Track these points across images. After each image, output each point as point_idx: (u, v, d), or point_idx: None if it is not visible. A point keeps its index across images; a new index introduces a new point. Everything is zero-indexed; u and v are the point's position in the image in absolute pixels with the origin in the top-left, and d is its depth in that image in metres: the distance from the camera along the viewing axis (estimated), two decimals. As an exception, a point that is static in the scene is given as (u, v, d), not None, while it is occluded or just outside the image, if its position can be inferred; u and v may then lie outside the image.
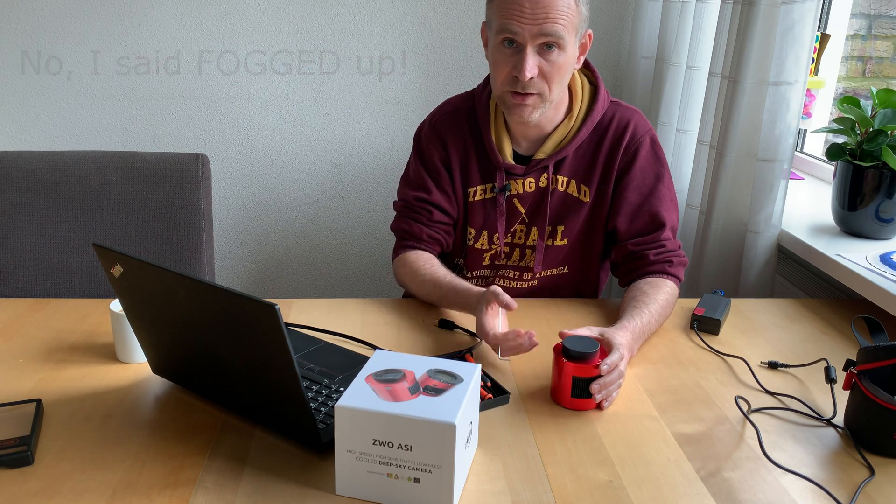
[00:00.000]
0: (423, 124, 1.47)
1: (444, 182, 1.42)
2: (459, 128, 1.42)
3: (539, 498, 0.85)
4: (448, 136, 1.42)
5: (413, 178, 1.45)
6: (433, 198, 1.41)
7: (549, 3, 1.22)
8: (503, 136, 1.38)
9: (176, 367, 1.04)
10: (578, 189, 1.39)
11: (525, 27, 1.23)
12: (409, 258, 1.39)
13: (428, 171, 1.42)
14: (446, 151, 1.42)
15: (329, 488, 0.86)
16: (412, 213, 1.42)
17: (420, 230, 1.41)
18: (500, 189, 1.39)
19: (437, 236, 1.42)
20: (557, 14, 1.22)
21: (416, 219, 1.42)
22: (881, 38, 2.12)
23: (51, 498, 0.83)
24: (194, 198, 1.61)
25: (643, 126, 1.39)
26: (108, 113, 2.27)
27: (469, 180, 1.41)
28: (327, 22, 2.23)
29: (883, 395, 0.94)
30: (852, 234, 1.55)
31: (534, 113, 1.30)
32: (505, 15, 1.24)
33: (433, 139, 1.43)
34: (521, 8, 1.22)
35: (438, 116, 1.45)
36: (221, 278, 2.43)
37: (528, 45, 1.24)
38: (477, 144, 1.41)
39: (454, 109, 1.44)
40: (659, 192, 1.37)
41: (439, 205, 1.41)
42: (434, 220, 1.41)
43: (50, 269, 1.59)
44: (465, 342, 1.22)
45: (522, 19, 1.23)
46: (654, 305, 1.22)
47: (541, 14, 1.22)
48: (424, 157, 1.44)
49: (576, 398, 1.02)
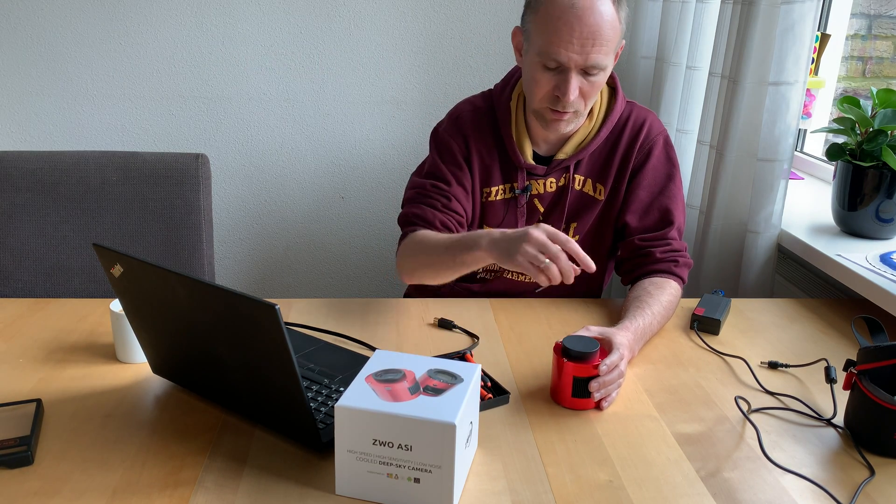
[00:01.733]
0: (442, 122, 1.45)
1: (464, 177, 1.39)
2: (480, 126, 1.40)
3: (539, 498, 0.85)
4: (470, 133, 1.40)
5: (430, 169, 1.40)
6: (451, 189, 1.37)
7: (597, 30, 1.20)
8: (524, 137, 1.38)
9: (176, 367, 1.04)
10: (594, 188, 1.40)
11: (573, 57, 1.21)
12: (419, 233, 1.32)
13: (447, 164, 1.39)
14: (467, 147, 1.39)
15: (329, 488, 0.86)
16: (426, 199, 1.36)
17: (433, 215, 1.34)
18: (522, 190, 1.39)
19: (449, 224, 1.35)
20: (604, 41, 1.21)
21: (431, 203, 1.36)
22: (881, 38, 2.12)
23: (51, 498, 0.83)
24: (194, 198, 1.61)
25: (657, 127, 1.41)
26: (108, 113, 2.27)
27: (488, 180, 1.40)
28: (327, 22, 2.23)
29: (883, 395, 0.94)
30: (852, 234, 1.55)
31: (569, 126, 1.32)
32: (551, 41, 1.21)
33: (454, 133, 1.40)
34: (570, 34, 1.19)
35: (459, 113, 1.43)
36: (221, 278, 2.43)
37: (571, 70, 1.23)
38: (497, 145, 1.40)
39: (474, 108, 1.42)
40: (670, 191, 1.38)
41: (456, 196, 1.37)
42: (450, 208, 1.36)
43: (50, 269, 1.59)
44: (465, 342, 1.23)
45: (570, 48, 1.20)
46: (657, 307, 1.23)
47: (588, 42, 1.20)
48: (444, 150, 1.40)
49: (575, 398, 1.02)
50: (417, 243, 1.30)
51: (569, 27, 1.20)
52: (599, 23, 1.20)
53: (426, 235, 1.30)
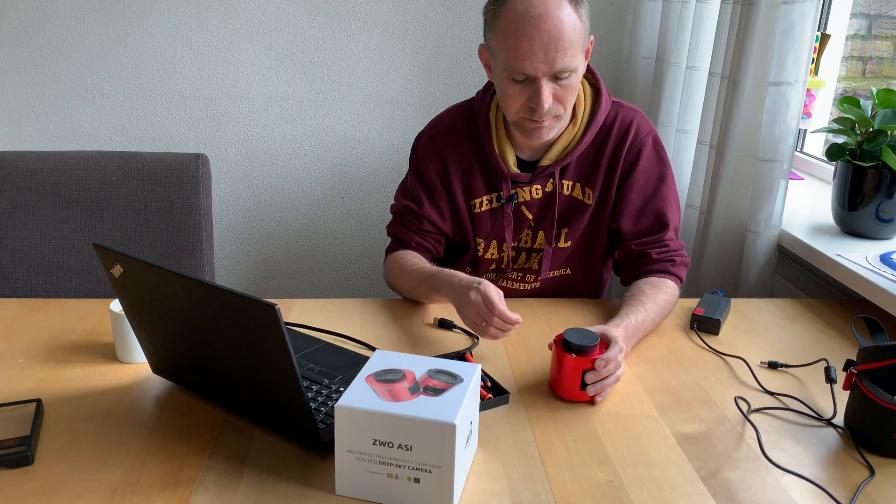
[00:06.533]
0: (422, 136, 1.44)
1: (438, 196, 1.41)
2: (459, 140, 1.40)
3: (539, 498, 0.85)
4: (446, 149, 1.40)
5: (408, 188, 1.44)
6: (423, 211, 1.41)
7: (559, 37, 1.17)
8: (505, 145, 1.36)
9: (176, 367, 1.04)
10: (583, 192, 1.39)
11: (538, 66, 1.19)
12: (398, 255, 1.41)
13: (422, 184, 1.42)
14: (444, 166, 1.40)
15: (329, 488, 0.86)
16: (403, 220, 1.43)
17: (409, 237, 1.42)
18: (507, 199, 1.38)
19: (426, 244, 1.43)
20: (567, 45, 1.18)
21: (407, 226, 1.43)
22: (881, 38, 2.12)
23: (51, 498, 0.83)
24: (194, 198, 1.61)
25: (645, 127, 1.38)
26: (108, 113, 2.27)
27: (473, 192, 1.40)
28: (327, 21, 2.23)
29: (883, 395, 0.94)
30: (852, 234, 1.55)
31: (550, 132, 1.30)
32: (514, 55, 1.19)
33: (430, 153, 1.41)
34: (531, 45, 1.17)
35: (437, 129, 1.42)
36: (221, 278, 2.43)
37: (541, 79, 1.21)
38: (479, 155, 1.39)
39: (453, 122, 1.41)
40: (663, 193, 1.37)
41: (429, 217, 1.41)
42: (423, 229, 1.42)
43: (50, 269, 1.59)
44: (465, 342, 1.22)
45: (534, 58, 1.18)
46: (652, 304, 1.22)
47: (551, 48, 1.17)
48: (420, 170, 1.42)
49: (574, 390, 1.03)
50: (396, 268, 1.39)
51: (528, 38, 1.17)
52: (558, 27, 1.17)
53: (403, 262, 1.38)
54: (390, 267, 1.41)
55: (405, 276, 1.36)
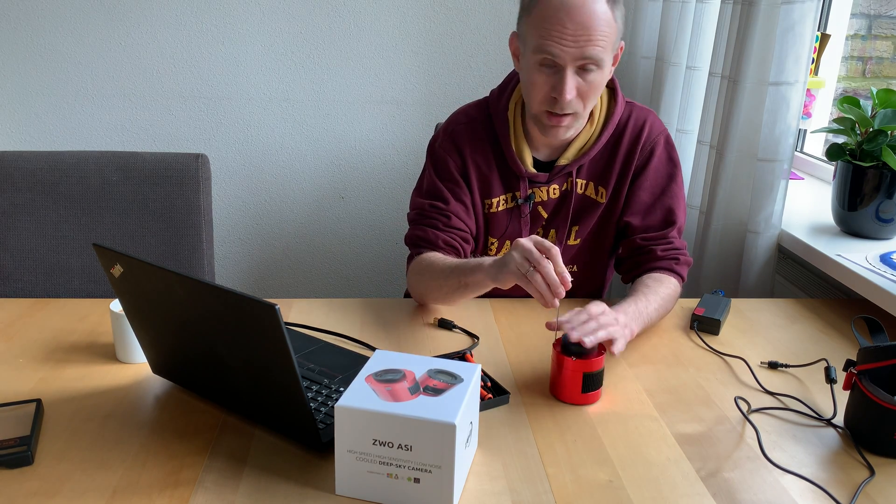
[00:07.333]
0: (438, 135, 1.43)
1: (462, 193, 1.38)
2: (477, 138, 1.39)
3: (539, 498, 0.85)
4: (465, 146, 1.38)
5: (428, 188, 1.40)
6: (450, 207, 1.36)
7: (591, 25, 1.19)
8: (523, 144, 1.36)
9: (176, 367, 1.04)
10: (596, 190, 1.39)
11: (566, 50, 1.20)
12: (424, 257, 1.32)
13: (444, 181, 1.38)
14: (463, 162, 1.38)
15: (329, 488, 0.86)
16: (427, 220, 1.36)
17: (436, 236, 1.34)
18: (525, 199, 1.38)
19: (453, 242, 1.35)
20: (598, 36, 1.20)
21: (432, 224, 1.36)
22: (881, 38, 2.12)
23: (51, 498, 0.83)
24: (194, 198, 1.61)
25: (658, 127, 1.40)
26: (108, 113, 2.27)
27: (489, 192, 1.39)
28: (327, 22, 2.23)
29: (883, 395, 0.94)
30: (852, 234, 1.55)
31: (568, 132, 1.31)
32: (544, 35, 1.21)
33: (450, 149, 1.39)
34: (563, 29, 1.19)
35: (454, 126, 1.41)
36: (221, 278, 2.43)
37: (567, 67, 1.22)
38: (496, 154, 1.38)
39: (469, 119, 1.40)
40: (672, 191, 1.38)
41: (456, 213, 1.37)
42: (451, 225, 1.36)
43: (50, 269, 1.59)
44: (465, 342, 1.22)
45: (563, 41, 1.20)
46: (654, 296, 1.23)
47: (582, 36, 1.19)
48: (440, 167, 1.39)
49: (575, 393, 1.03)
50: (424, 267, 1.31)
51: (561, 23, 1.20)
52: (591, 17, 1.20)
53: (432, 259, 1.31)
54: (416, 269, 1.32)
55: (434, 273, 1.28)
